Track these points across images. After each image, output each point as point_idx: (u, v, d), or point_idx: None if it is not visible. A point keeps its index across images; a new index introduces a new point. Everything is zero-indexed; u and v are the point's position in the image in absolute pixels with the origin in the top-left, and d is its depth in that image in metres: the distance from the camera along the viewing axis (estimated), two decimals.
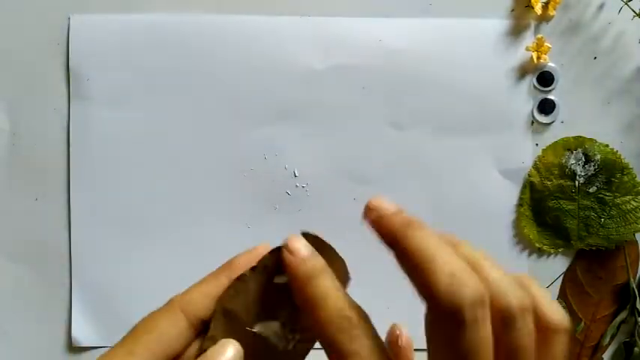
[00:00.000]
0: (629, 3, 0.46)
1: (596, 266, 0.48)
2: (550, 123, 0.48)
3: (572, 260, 0.48)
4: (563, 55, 0.48)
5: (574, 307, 0.48)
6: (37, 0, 0.48)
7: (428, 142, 0.48)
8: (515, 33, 0.47)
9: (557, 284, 0.48)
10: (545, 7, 0.47)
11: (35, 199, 0.48)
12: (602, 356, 0.49)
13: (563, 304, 0.48)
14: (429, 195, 0.48)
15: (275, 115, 0.48)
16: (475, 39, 0.47)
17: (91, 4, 0.48)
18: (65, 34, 0.48)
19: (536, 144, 0.48)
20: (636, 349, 0.48)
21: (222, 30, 0.47)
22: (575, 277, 0.48)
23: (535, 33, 0.48)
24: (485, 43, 0.47)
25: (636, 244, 0.48)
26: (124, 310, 0.48)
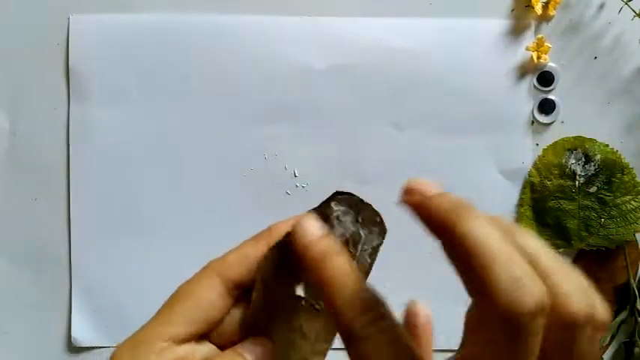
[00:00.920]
0: (629, 3, 0.46)
1: (597, 266, 0.48)
2: (550, 123, 0.48)
3: (573, 260, 0.48)
4: (563, 55, 0.48)
5: None
6: (37, 0, 0.48)
7: (428, 142, 0.48)
8: (516, 33, 0.47)
9: None
10: (546, 7, 0.47)
11: (35, 199, 0.48)
12: (603, 356, 0.49)
13: None
14: None
15: (275, 115, 0.48)
16: (475, 39, 0.47)
17: (91, 4, 0.48)
18: (65, 34, 0.48)
19: (537, 144, 0.48)
20: (636, 349, 0.48)
21: (222, 30, 0.47)
22: None
23: (535, 33, 0.47)
24: (486, 43, 0.47)
25: (636, 244, 0.48)
26: (123, 310, 0.48)
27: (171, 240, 0.48)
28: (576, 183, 0.47)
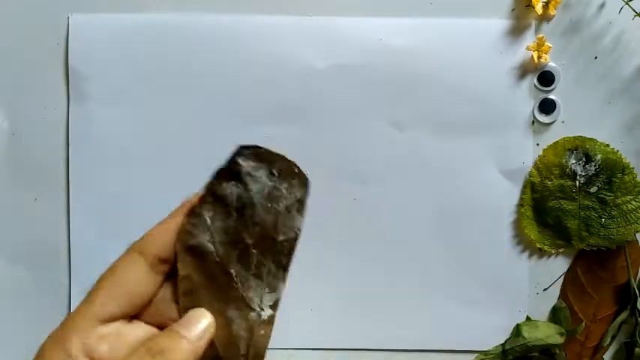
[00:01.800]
0: (629, 3, 0.46)
1: (597, 266, 0.48)
2: (551, 123, 0.48)
3: (573, 260, 0.48)
4: (563, 55, 0.48)
5: (575, 307, 0.48)
6: (37, 0, 0.48)
7: (428, 142, 0.48)
8: (516, 33, 0.47)
9: (558, 285, 0.48)
10: (546, 6, 0.47)
11: (35, 199, 0.48)
12: (603, 357, 0.49)
13: (563, 304, 0.48)
14: (429, 195, 0.48)
15: (275, 115, 0.47)
16: (475, 39, 0.47)
17: (91, 3, 0.47)
18: (65, 33, 0.48)
19: (537, 144, 0.48)
20: (637, 349, 0.48)
21: (222, 30, 0.47)
22: (576, 278, 0.48)
23: (536, 32, 0.47)
24: (486, 42, 0.47)
25: (637, 244, 0.48)
26: None
27: None
28: (577, 183, 0.47)
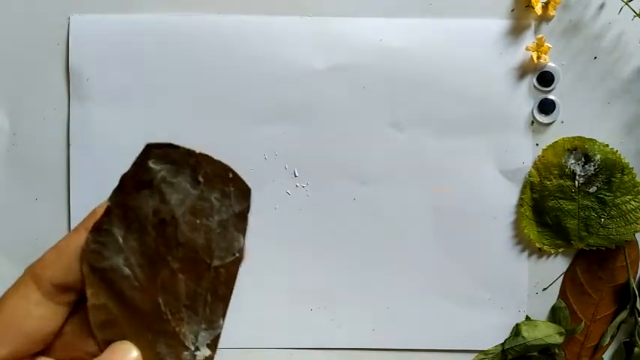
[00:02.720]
0: (629, 3, 0.46)
1: (596, 266, 0.48)
2: (550, 123, 0.48)
3: (573, 260, 0.48)
4: (563, 55, 0.48)
5: (574, 307, 0.48)
6: (37, 0, 0.48)
7: (428, 142, 0.48)
8: (516, 33, 0.47)
9: (558, 284, 0.48)
10: (546, 7, 0.47)
11: (35, 199, 0.48)
12: (603, 356, 0.49)
13: (563, 304, 0.48)
14: (428, 195, 0.48)
15: (275, 115, 0.48)
16: (475, 39, 0.47)
17: (92, 4, 0.47)
18: (65, 34, 0.48)
19: (537, 144, 0.48)
20: (636, 349, 0.48)
21: (222, 30, 0.47)
22: (576, 277, 0.48)
23: (535, 33, 0.47)
24: (486, 43, 0.47)
25: (636, 244, 0.48)
26: None
27: None
28: (576, 183, 0.47)
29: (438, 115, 0.47)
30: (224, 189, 0.22)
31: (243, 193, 0.22)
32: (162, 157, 0.22)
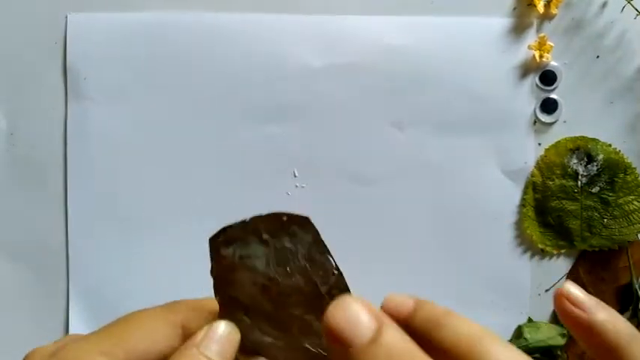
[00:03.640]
0: (631, 2, 0.46)
1: (599, 267, 0.48)
2: (552, 122, 0.48)
3: (575, 261, 0.48)
4: (565, 54, 0.47)
5: None
6: None
7: (429, 142, 0.47)
8: (518, 31, 0.47)
9: (560, 285, 0.48)
10: (548, 5, 0.47)
11: (33, 198, 0.48)
12: None
13: None
14: (430, 195, 0.47)
15: (275, 115, 0.47)
16: (477, 37, 0.47)
17: (89, 2, 0.47)
18: (63, 33, 0.47)
19: (539, 143, 0.47)
20: None
21: (220, 28, 0.47)
22: (578, 278, 0.48)
23: (537, 31, 0.47)
24: (487, 41, 0.47)
25: (639, 244, 0.48)
26: (121, 310, 0.48)
27: (170, 240, 0.48)
28: (578, 183, 0.47)
29: (439, 115, 0.47)
30: (288, 232, 0.24)
31: (304, 224, 0.24)
32: (227, 242, 0.24)
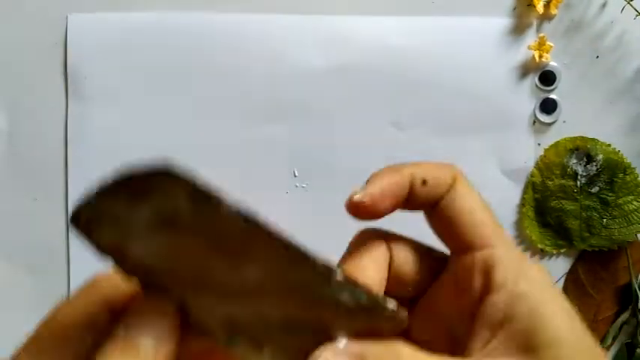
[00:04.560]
0: (631, 2, 0.46)
1: (598, 267, 0.48)
2: (552, 122, 0.48)
3: (574, 261, 0.48)
4: (565, 54, 0.47)
5: (576, 308, 0.48)
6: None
7: (429, 142, 0.47)
8: (517, 32, 0.47)
9: (559, 285, 0.48)
10: (547, 5, 0.47)
11: (34, 199, 0.48)
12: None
13: None
14: None
15: (275, 115, 0.47)
16: (477, 38, 0.47)
17: (90, 3, 0.47)
18: (63, 33, 0.47)
19: (538, 143, 0.48)
20: (638, 350, 0.47)
21: (221, 29, 0.47)
22: (577, 278, 0.48)
23: (537, 32, 0.47)
24: (487, 41, 0.47)
25: (639, 244, 0.48)
26: None
27: None
28: (578, 183, 0.47)
29: (439, 115, 0.47)
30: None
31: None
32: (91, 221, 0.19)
